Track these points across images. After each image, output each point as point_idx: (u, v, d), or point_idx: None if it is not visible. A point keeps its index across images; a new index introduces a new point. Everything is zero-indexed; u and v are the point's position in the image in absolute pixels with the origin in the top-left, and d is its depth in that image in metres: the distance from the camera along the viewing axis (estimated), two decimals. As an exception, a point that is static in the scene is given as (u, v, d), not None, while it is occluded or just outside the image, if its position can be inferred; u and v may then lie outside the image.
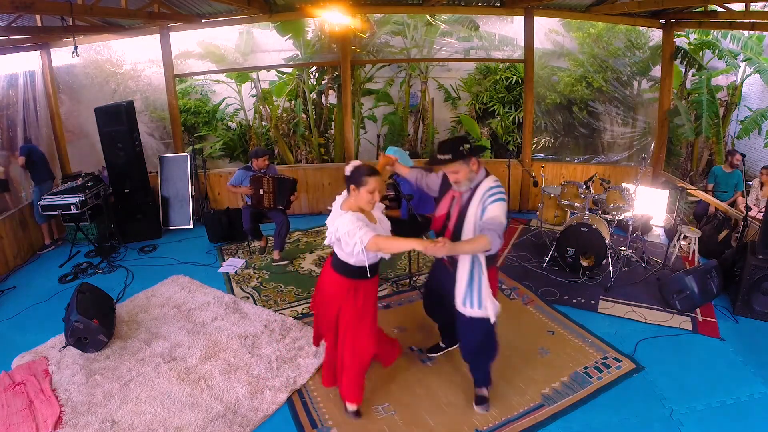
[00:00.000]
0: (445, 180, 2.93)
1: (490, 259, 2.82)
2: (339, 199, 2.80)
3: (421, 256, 5.36)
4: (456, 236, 2.78)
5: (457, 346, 3.51)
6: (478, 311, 2.79)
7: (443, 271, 3.01)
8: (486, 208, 2.65)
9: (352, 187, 2.68)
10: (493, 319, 2.82)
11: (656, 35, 7.73)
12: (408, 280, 4.82)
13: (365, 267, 2.71)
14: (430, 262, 5.32)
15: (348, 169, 2.69)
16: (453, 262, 2.87)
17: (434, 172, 3.07)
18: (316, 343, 3.48)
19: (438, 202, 2.99)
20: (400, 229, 4.76)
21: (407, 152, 5.08)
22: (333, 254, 2.84)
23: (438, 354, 3.68)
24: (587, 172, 6.61)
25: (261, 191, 5.13)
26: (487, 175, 2.77)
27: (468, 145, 2.67)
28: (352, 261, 2.71)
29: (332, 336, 2.98)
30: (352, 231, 2.54)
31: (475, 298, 2.79)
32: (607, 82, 8.11)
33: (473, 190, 2.73)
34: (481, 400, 3.16)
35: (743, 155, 5.28)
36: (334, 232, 2.67)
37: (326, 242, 2.79)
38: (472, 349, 3.04)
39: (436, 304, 3.35)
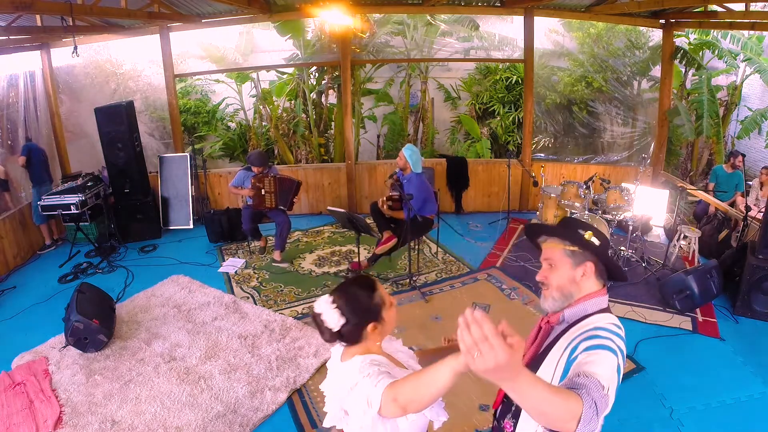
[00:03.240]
0: None
1: None
2: (335, 352, 1.60)
3: (421, 256, 5.36)
4: None
5: None
6: None
7: None
8: (576, 359, 1.40)
9: (371, 326, 1.50)
10: None
11: (656, 35, 7.72)
12: (408, 280, 4.82)
13: None
14: (430, 261, 5.33)
15: (333, 318, 1.46)
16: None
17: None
18: None
19: None
20: (400, 229, 4.80)
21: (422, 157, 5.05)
22: None
23: None
24: (587, 172, 6.61)
25: (263, 191, 5.13)
26: (603, 311, 1.53)
27: (596, 241, 1.56)
28: None
29: None
30: (364, 386, 1.37)
31: None
32: (607, 82, 8.11)
33: (570, 326, 1.52)
34: None
35: (744, 155, 5.29)
36: (338, 403, 1.50)
37: (326, 424, 1.56)
38: None
39: None
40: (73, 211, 5.39)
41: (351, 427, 1.47)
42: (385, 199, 4.90)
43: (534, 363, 1.55)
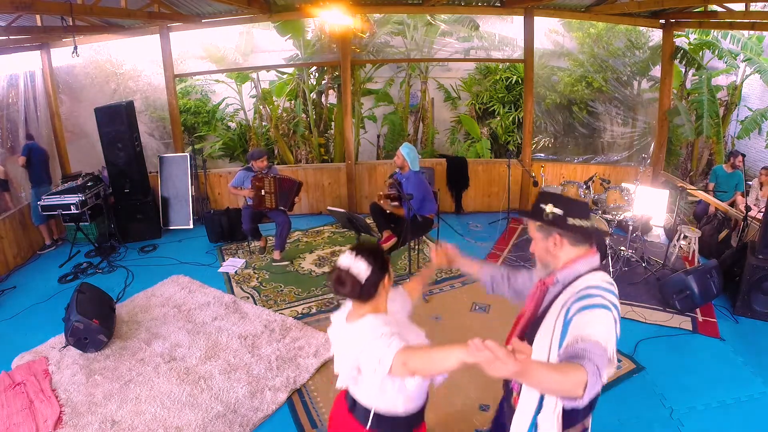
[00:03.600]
0: None
1: (572, 417, 1.61)
2: (340, 314, 1.78)
3: (421, 255, 5.36)
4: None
5: None
6: None
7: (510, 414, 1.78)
8: (572, 320, 1.51)
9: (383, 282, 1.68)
10: None
11: (656, 35, 7.72)
12: (408, 280, 4.81)
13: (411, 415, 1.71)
14: (430, 261, 5.32)
15: (362, 268, 1.62)
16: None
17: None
18: None
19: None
20: (400, 229, 4.80)
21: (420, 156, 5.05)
22: (354, 404, 1.75)
23: None
24: (587, 172, 6.61)
25: (262, 192, 5.13)
26: (595, 270, 1.65)
27: (558, 211, 1.64)
28: (385, 404, 1.67)
29: None
30: (378, 345, 1.52)
31: None
32: (607, 82, 8.11)
33: (564, 287, 1.64)
34: None
35: (744, 155, 5.28)
36: (352, 361, 1.61)
37: (340, 384, 1.73)
38: None
39: None
40: (73, 211, 5.39)
41: (363, 385, 1.64)
42: (382, 194, 4.90)
43: (534, 324, 1.67)
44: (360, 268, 1.60)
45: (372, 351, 1.51)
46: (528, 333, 1.68)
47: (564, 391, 1.38)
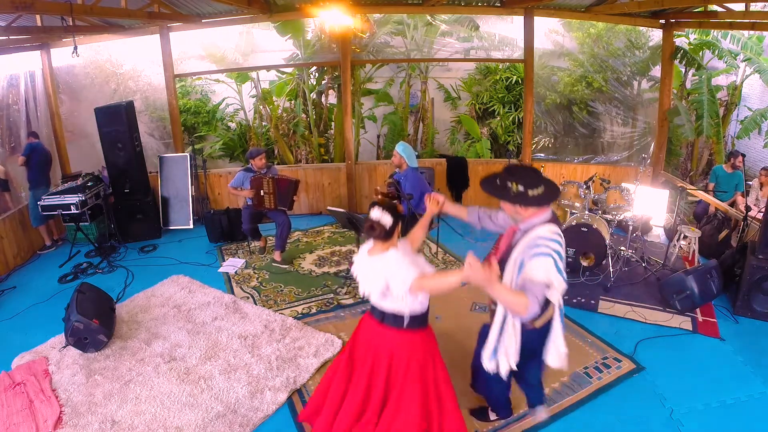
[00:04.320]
0: None
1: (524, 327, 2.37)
2: (363, 251, 2.51)
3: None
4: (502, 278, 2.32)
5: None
6: (493, 365, 2.44)
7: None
8: (523, 263, 2.19)
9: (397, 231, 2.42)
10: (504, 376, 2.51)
11: (656, 35, 7.73)
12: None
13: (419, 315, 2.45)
14: (430, 261, 5.32)
15: (388, 219, 2.36)
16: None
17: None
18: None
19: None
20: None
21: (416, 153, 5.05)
22: (383, 316, 2.48)
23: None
24: (587, 172, 6.61)
25: (262, 192, 5.13)
26: (548, 222, 2.27)
27: (518, 186, 2.25)
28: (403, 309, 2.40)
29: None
30: (401, 270, 2.28)
31: (498, 352, 2.42)
32: (607, 82, 8.11)
33: (524, 233, 2.28)
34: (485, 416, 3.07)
35: (744, 155, 5.28)
36: (383, 282, 2.34)
37: (375, 299, 2.44)
38: (535, 384, 2.80)
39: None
40: (73, 211, 5.39)
41: (390, 299, 2.37)
42: (379, 190, 4.89)
43: (504, 258, 2.35)
44: (386, 219, 2.36)
45: (398, 275, 2.28)
46: (500, 263, 2.30)
47: (514, 307, 2.12)
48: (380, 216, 2.37)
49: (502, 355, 2.40)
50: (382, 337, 2.49)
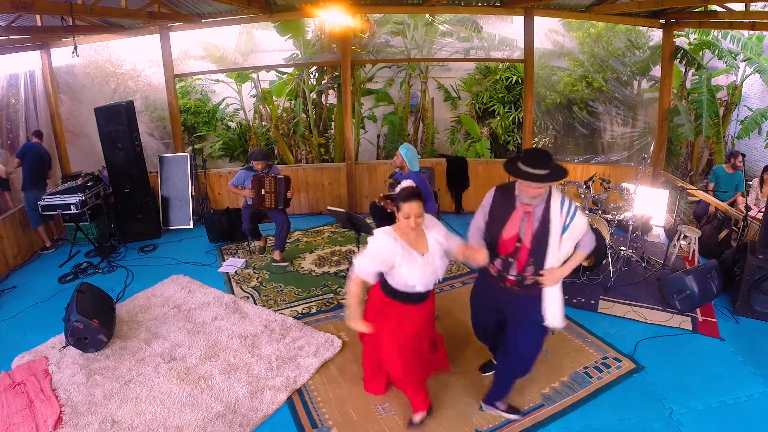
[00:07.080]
0: (500, 202, 2.77)
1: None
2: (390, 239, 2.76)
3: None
4: (537, 255, 2.65)
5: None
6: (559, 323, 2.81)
7: (505, 294, 2.85)
8: (575, 219, 2.64)
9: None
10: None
11: (656, 35, 7.72)
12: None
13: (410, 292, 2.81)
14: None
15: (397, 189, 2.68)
16: (520, 283, 2.74)
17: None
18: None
19: (496, 224, 2.78)
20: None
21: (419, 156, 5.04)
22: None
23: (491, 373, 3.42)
24: (587, 172, 6.61)
25: (262, 191, 5.13)
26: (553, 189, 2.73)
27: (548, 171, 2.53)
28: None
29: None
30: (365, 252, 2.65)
31: (561, 310, 2.80)
32: (607, 82, 8.10)
33: (547, 202, 2.63)
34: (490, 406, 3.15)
35: (744, 155, 5.28)
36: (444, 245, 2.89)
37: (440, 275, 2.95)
38: (530, 360, 2.95)
39: (492, 326, 3.12)
40: (73, 211, 5.39)
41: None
42: (382, 195, 4.89)
43: (542, 228, 2.64)
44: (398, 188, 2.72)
45: (452, 236, 2.87)
46: (539, 235, 2.63)
47: (587, 252, 2.82)
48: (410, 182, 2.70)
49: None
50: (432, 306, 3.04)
